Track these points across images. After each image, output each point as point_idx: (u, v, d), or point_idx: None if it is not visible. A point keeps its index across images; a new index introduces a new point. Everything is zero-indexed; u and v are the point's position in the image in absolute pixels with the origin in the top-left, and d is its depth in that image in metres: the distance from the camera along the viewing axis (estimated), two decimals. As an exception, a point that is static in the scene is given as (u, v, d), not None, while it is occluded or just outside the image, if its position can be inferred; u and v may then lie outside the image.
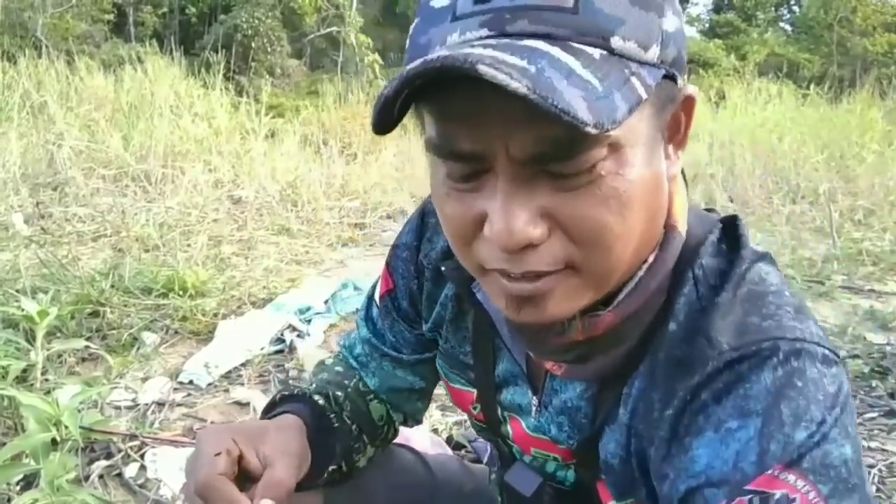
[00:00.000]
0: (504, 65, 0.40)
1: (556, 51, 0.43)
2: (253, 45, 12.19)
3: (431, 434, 1.82)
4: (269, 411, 0.75)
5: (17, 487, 1.51)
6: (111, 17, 13.12)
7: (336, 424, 0.74)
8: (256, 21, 12.34)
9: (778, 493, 0.44)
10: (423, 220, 0.75)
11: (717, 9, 21.48)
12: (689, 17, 22.26)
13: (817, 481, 0.45)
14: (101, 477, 1.66)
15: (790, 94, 8.53)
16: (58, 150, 4.84)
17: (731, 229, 0.60)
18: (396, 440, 0.89)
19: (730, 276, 0.55)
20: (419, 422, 0.90)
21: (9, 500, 1.44)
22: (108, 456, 1.74)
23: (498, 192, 0.46)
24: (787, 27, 21.11)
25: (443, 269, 0.66)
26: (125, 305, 2.69)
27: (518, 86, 0.39)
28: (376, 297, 0.81)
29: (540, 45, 0.43)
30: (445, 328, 0.73)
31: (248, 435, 0.63)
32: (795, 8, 21.62)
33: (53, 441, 1.41)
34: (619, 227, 0.47)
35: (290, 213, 4.66)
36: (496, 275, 0.50)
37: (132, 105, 5.92)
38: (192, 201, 4.50)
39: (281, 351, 2.52)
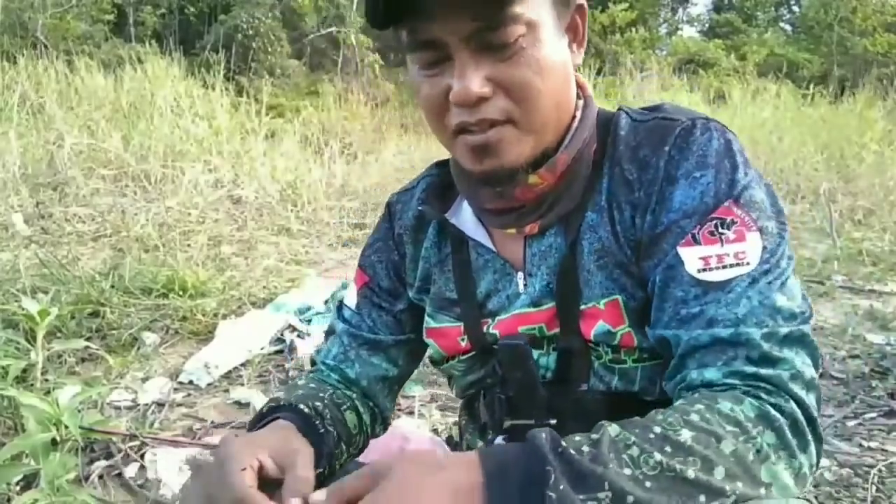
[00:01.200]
0: None
1: None
2: (253, 45, 12.17)
3: (431, 434, 1.83)
4: (257, 423, 0.80)
5: (17, 487, 1.51)
6: (111, 17, 13.11)
7: (321, 430, 0.79)
8: (256, 21, 12.32)
9: (728, 219, 0.68)
10: (390, 209, 0.92)
11: (717, 9, 21.45)
12: (690, 17, 22.28)
13: (750, 210, 0.68)
14: (101, 477, 1.66)
15: (790, 94, 8.53)
16: (58, 150, 4.84)
17: None
18: (392, 443, 0.90)
19: (648, 107, 0.78)
20: (387, 423, 0.95)
21: (9, 500, 1.44)
22: (108, 456, 1.74)
23: (456, 68, 0.66)
24: (787, 27, 21.08)
25: (421, 208, 0.86)
26: (125, 305, 2.69)
27: None
28: (348, 302, 0.93)
29: None
30: (433, 275, 0.86)
31: (264, 445, 0.69)
32: (795, 8, 21.59)
33: (53, 441, 1.41)
34: (539, 86, 0.67)
35: (290, 213, 4.66)
36: (461, 136, 0.70)
37: (132, 105, 5.92)
38: (192, 201, 4.50)
39: (281, 351, 2.52)
